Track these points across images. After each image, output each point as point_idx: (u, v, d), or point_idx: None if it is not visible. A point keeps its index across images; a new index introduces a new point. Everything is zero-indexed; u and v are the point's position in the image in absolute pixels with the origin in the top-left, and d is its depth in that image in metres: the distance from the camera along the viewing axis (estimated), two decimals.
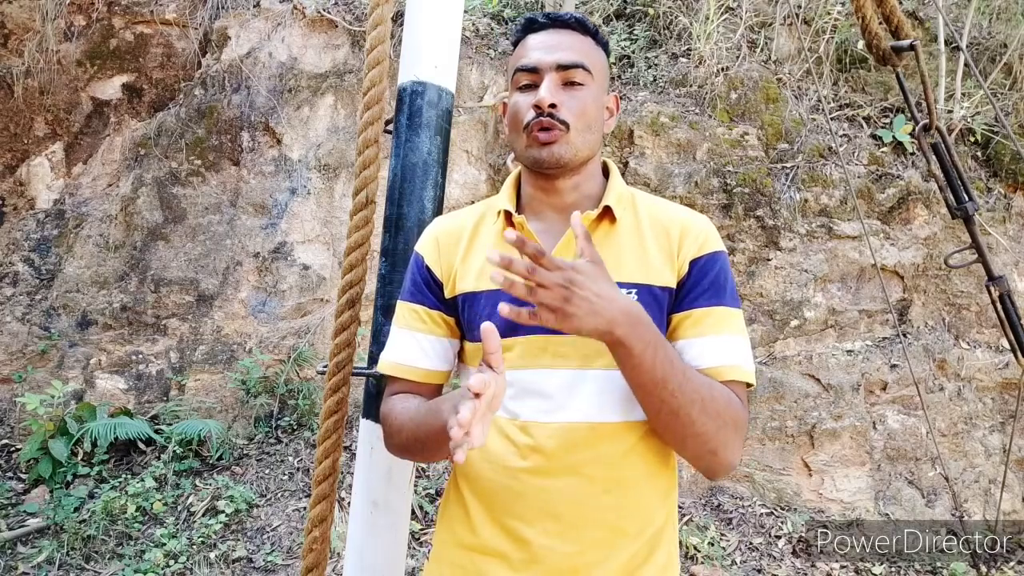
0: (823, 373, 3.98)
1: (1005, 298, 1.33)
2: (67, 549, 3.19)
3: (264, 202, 4.36)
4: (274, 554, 3.28)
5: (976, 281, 4.11)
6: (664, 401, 0.93)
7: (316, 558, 1.40)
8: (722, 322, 1.04)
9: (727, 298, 1.05)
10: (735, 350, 1.04)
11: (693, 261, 1.06)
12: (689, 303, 1.05)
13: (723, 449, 0.98)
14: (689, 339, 1.04)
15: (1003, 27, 4.74)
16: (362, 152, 1.40)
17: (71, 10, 4.46)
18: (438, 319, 1.14)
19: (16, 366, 4.07)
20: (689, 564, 3.37)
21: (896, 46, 1.23)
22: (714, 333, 1.03)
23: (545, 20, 1.10)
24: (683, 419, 0.94)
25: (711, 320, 1.04)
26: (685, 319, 1.05)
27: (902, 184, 4.14)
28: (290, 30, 4.53)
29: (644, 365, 0.91)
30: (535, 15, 1.11)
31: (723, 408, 0.97)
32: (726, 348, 1.03)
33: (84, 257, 4.24)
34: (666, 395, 0.93)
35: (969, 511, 3.92)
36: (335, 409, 1.39)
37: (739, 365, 1.03)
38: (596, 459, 1.02)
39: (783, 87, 4.44)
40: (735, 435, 0.99)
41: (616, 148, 4.27)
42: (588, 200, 1.12)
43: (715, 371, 1.02)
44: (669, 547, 1.10)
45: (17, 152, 4.45)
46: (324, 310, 4.32)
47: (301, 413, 4.13)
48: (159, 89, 4.59)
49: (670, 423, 0.96)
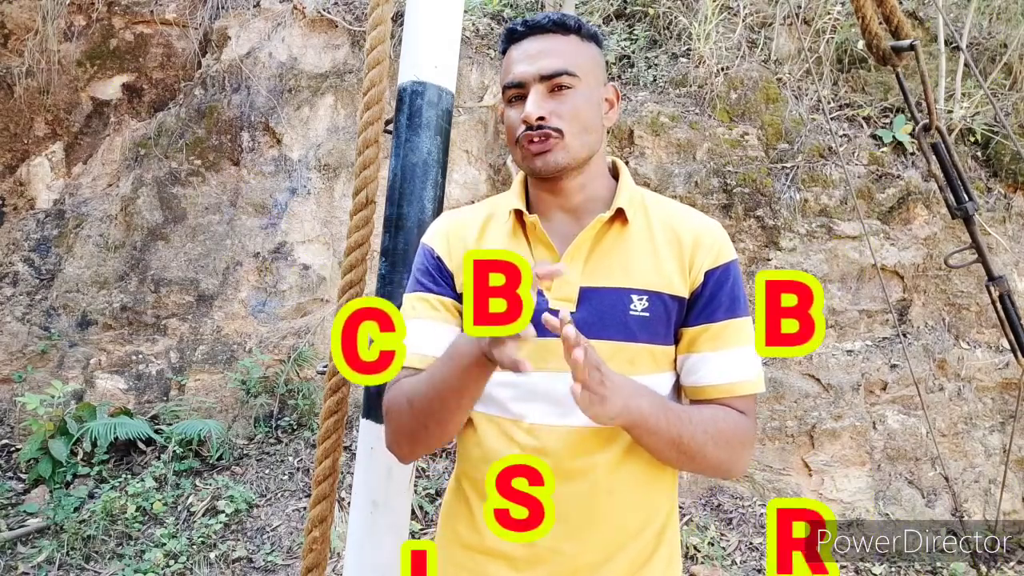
0: (823, 373, 3.98)
1: (1005, 298, 1.33)
2: (67, 549, 3.19)
3: (264, 202, 4.36)
4: (274, 554, 3.28)
5: (976, 281, 4.10)
6: (682, 452, 0.99)
7: (316, 558, 1.40)
8: (738, 334, 1.06)
9: (741, 308, 1.07)
10: (749, 363, 1.06)
11: (709, 272, 1.05)
12: (707, 316, 1.05)
13: (735, 467, 1.05)
14: (705, 353, 1.05)
15: (1003, 27, 4.74)
16: (362, 152, 1.40)
17: (71, 10, 4.46)
18: (451, 306, 1.10)
19: (16, 366, 4.07)
20: (689, 564, 3.37)
21: (896, 46, 1.23)
22: (732, 347, 1.05)
23: (524, 28, 1.08)
24: (699, 460, 1.01)
25: (728, 333, 1.05)
26: (703, 333, 1.05)
27: (902, 184, 4.14)
28: (290, 30, 4.53)
29: (661, 431, 0.96)
30: (515, 24, 1.09)
31: (732, 435, 1.02)
32: (742, 362, 1.05)
33: (84, 257, 4.24)
34: (683, 447, 0.98)
35: (969, 511, 3.92)
36: (335, 409, 1.39)
37: (752, 379, 1.06)
38: (601, 461, 1.02)
39: (783, 87, 4.44)
40: (745, 452, 1.05)
41: (616, 148, 4.27)
42: (596, 201, 1.11)
43: (731, 387, 1.04)
44: (671, 545, 1.11)
45: (17, 152, 4.45)
46: (324, 310, 4.32)
47: (301, 413, 4.13)
48: (159, 89, 4.59)
49: (687, 464, 1.03)
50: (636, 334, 1.02)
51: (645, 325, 1.03)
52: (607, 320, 1.01)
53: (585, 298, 1.03)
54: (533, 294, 0.83)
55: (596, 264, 1.06)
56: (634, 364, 1.02)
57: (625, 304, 1.02)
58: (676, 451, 0.98)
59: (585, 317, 1.02)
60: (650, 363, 1.04)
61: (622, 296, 1.03)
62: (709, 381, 1.05)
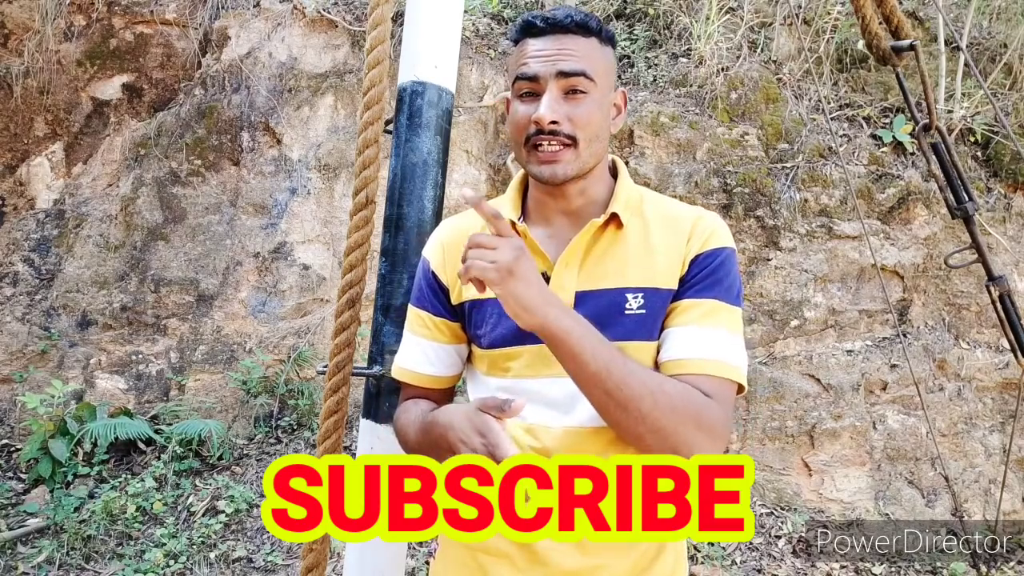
0: (823, 373, 3.98)
1: (1005, 298, 1.33)
2: (67, 549, 3.19)
3: (264, 202, 4.36)
4: (274, 554, 3.28)
5: (976, 281, 4.10)
6: (609, 394, 0.90)
7: (316, 558, 1.40)
8: (710, 314, 0.99)
9: (722, 292, 1.01)
10: (719, 344, 0.98)
11: (695, 258, 1.04)
12: (682, 293, 1.02)
13: (684, 448, 0.91)
14: (670, 328, 1.01)
15: (1003, 27, 4.74)
16: (362, 152, 1.40)
17: (71, 10, 4.46)
18: (442, 326, 1.13)
19: (16, 366, 4.07)
20: (689, 564, 3.37)
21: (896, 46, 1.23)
22: (697, 324, 0.99)
23: (544, 24, 1.03)
24: (633, 413, 0.90)
25: (698, 311, 1.00)
26: (673, 309, 1.02)
27: (902, 184, 4.14)
28: (290, 30, 4.53)
29: (586, 357, 0.89)
30: (535, 17, 1.05)
31: (679, 403, 0.91)
32: (708, 340, 0.98)
33: (84, 257, 4.24)
34: (611, 387, 0.89)
35: (969, 511, 3.92)
36: (335, 409, 1.39)
37: (721, 360, 0.97)
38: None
39: (783, 87, 4.44)
40: (699, 432, 0.91)
41: (616, 148, 4.27)
42: (595, 204, 1.10)
43: (690, 363, 0.97)
44: (676, 549, 1.10)
45: (17, 152, 4.45)
46: (324, 310, 4.32)
47: (301, 413, 4.13)
48: (159, 89, 4.59)
49: (620, 419, 0.91)
50: (634, 332, 1.02)
51: (642, 323, 1.02)
52: (604, 321, 1.00)
53: (581, 302, 1.03)
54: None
55: (590, 268, 1.05)
56: None
57: (621, 304, 1.02)
58: (604, 393, 0.90)
59: None
60: (649, 361, 1.03)
61: (617, 296, 1.03)
62: (671, 356, 0.98)
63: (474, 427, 0.91)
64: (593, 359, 0.89)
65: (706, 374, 0.96)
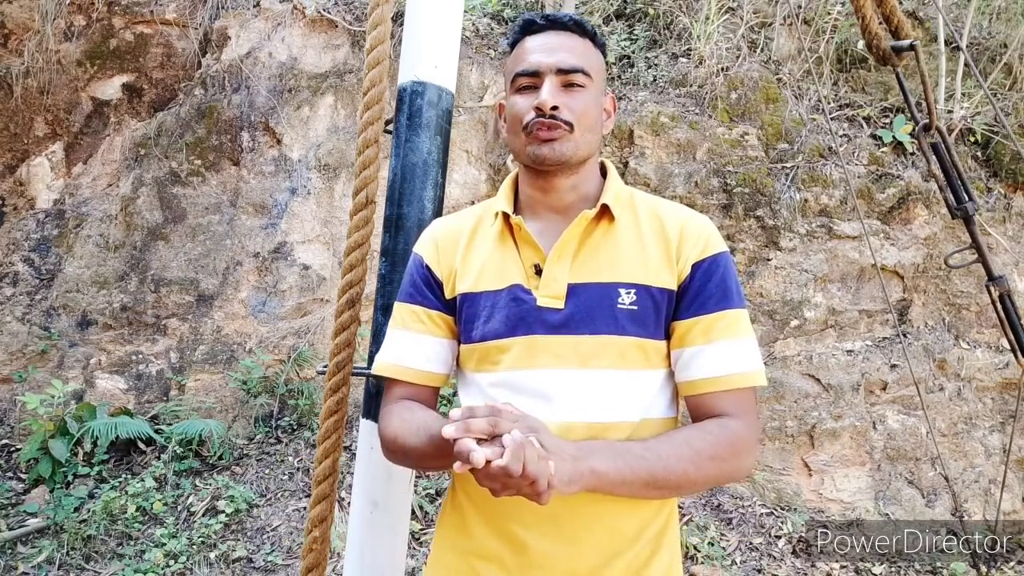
0: (823, 373, 3.98)
1: (1005, 298, 1.33)
2: (67, 549, 3.19)
3: (264, 202, 4.36)
4: (274, 554, 3.28)
5: (976, 281, 4.10)
6: (662, 488, 0.96)
7: (316, 558, 1.40)
8: (732, 326, 1.04)
9: (734, 299, 1.06)
10: (745, 355, 1.04)
11: (696, 264, 1.05)
12: (697, 308, 1.04)
13: (733, 475, 1.01)
14: (699, 346, 1.03)
15: (1003, 27, 4.74)
16: (362, 152, 1.40)
17: (71, 10, 4.46)
18: (438, 320, 1.13)
19: (16, 366, 4.07)
20: (689, 564, 3.37)
21: (896, 46, 1.23)
22: (726, 338, 1.03)
23: (544, 22, 1.09)
24: (686, 486, 0.98)
25: (721, 325, 1.03)
26: (694, 326, 1.04)
27: (902, 184, 4.14)
28: (290, 30, 4.53)
29: (627, 480, 0.92)
30: (533, 16, 1.10)
31: (714, 450, 0.97)
32: (737, 354, 1.03)
33: (84, 257, 4.24)
34: (660, 483, 0.95)
35: (969, 511, 3.92)
36: (335, 409, 1.39)
37: (749, 372, 1.03)
38: None
39: (783, 87, 4.44)
40: (741, 458, 1.00)
41: (616, 148, 4.27)
42: (586, 201, 1.12)
43: (726, 380, 1.02)
44: (671, 550, 1.09)
45: (17, 152, 4.45)
46: (324, 310, 4.32)
47: (301, 413, 4.13)
48: (159, 89, 4.58)
49: (676, 493, 1.01)
50: (625, 327, 1.02)
51: (634, 318, 1.03)
52: (595, 314, 1.02)
53: (573, 294, 1.04)
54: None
55: (583, 261, 1.07)
56: (624, 358, 1.02)
57: (613, 298, 1.03)
58: (655, 489, 0.95)
59: (573, 313, 1.03)
60: (640, 358, 1.03)
61: (609, 290, 1.04)
62: (703, 374, 1.03)
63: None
64: (636, 476, 0.93)
65: (738, 388, 1.03)
